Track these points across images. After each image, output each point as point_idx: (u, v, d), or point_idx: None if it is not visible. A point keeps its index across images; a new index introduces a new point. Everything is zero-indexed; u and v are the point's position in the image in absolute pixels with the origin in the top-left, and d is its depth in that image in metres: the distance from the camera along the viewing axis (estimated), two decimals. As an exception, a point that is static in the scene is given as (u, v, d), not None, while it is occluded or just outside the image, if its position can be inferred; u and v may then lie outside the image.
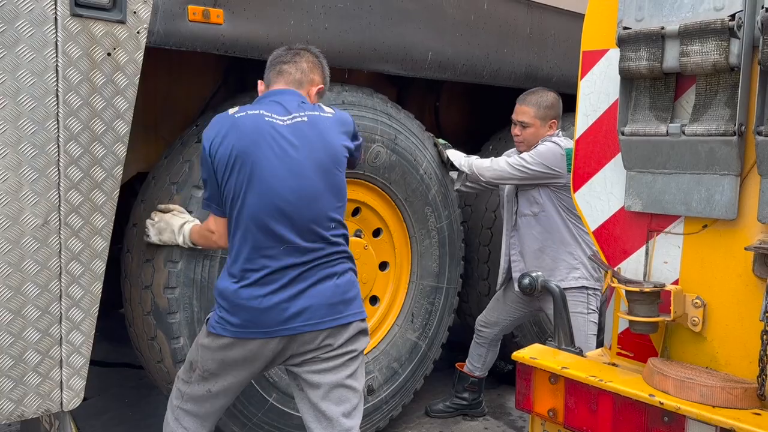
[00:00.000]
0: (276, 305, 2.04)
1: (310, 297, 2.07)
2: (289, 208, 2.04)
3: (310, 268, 2.08)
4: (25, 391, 2.04)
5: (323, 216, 2.10)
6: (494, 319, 3.51)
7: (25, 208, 1.96)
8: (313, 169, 2.08)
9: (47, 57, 1.94)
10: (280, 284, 2.05)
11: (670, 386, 1.76)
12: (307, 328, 2.07)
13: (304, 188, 2.06)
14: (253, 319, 2.05)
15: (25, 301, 2.00)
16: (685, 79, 1.89)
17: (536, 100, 3.18)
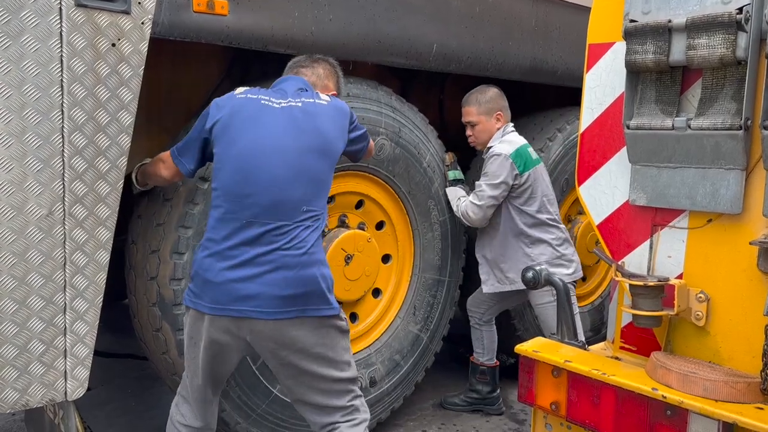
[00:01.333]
0: (228, 282, 2.06)
1: (263, 284, 2.06)
2: (261, 186, 2.08)
3: (269, 251, 2.07)
4: (30, 380, 2.05)
5: (295, 201, 2.11)
6: (478, 300, 3.61)
7: (29, 199, 1.96)
8: (294, 154, 2.12)
9: (52, 47, 1.94)
10: (236, 261, 2.06)
11: (673, 380, 1.76)
12: (255, 314, 2.06)
13: (280, 169, 2.09)
14: (205, 290, 2.09)
15: (30, 291, 2.00)
16: (692, 72, 1.88)
17: (476, 98, 3.34)
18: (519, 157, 3.20)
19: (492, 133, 3.33)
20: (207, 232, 2.16)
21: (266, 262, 2.06)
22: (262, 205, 2.08)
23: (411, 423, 3.59)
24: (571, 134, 3.90)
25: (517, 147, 3.23)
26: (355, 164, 3.02)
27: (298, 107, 2.18)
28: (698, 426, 1.69)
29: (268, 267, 2.06)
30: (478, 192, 3.24)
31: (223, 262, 2.07)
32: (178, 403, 2.31)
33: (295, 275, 2.08)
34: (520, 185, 3.21)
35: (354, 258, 3.05)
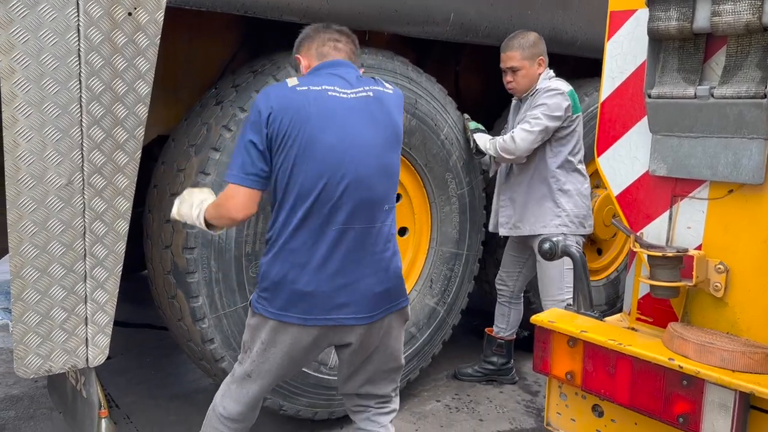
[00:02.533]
0: (323, 292, 1.95)
1: (358, 290, 1.98)
2: (351, 188, 1.93)
3: (362, 256, 1.98)
4: (52, 347, 2.09)
5: (381, 199, 2.01)
6: (506, 275, 3.62)
7: (49, 168, 1.98)
8: (377, 149, 1.98)
9: (69, 16, 1.93)
10: (329, 270, 1.94)
11: (690, 350, 1.76)
12: (351, 321, 1.98)
13: (366, 168, 1.95)
14: (293, 301, 1.96)
15: (51, 259, 2.03)
16: (716, 40, 1.84)
17: (518, 42, 3.21)
18: (573, 98, 3.17)
19: (534, 79, 3.24)
20: (280, 238, 1.96)
21: (361, 267, 1.97)
22: (352, 207, 1.94)
23: (425, 393, 3.62)
24: (589, 106, 3.85)
25: (571, 88, 3.19)
26: (371, 136, 3.01)
27: (371, 98, 2.00)
28: (714, 396, 1.68)
29: (364, 272, 1.98)
30: (531, 120, 3.14)
31: (313, 272, 1.93)
32: (224, 394, 2.16)
33: (386, 276, 2.03)
34: (567, 126, 3.17)
35: (370, 230, 3.05)
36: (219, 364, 2.70)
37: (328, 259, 1.94)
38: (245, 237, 2.67)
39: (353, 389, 2.23)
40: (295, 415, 2.96)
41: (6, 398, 3.45)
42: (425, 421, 3.31)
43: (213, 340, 2.65)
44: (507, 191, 3.40)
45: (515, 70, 3.23)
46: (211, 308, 2.63)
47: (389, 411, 2.27)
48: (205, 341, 2.65)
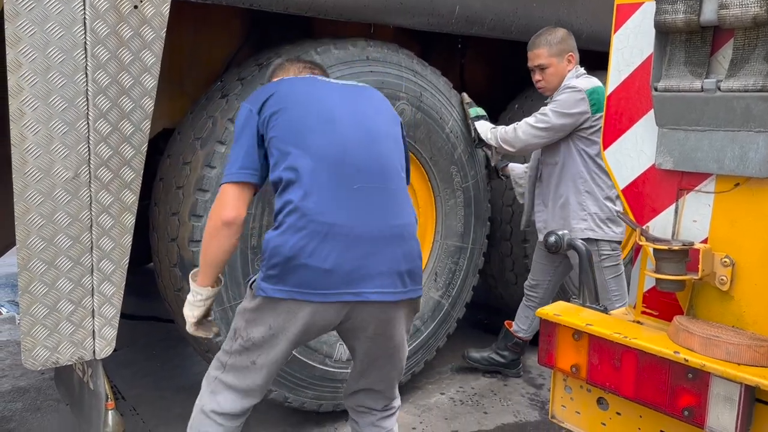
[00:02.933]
0: (345, 262, 1.82)
1: (382, 260, 1.86)
2: (355, 145, 1.89)
3: (385, 219, 1.88)
4: (60, 339, 2.10)
5: (389, 158, 1.96)
6: (535, 281, 3.52)
7: (55, 161, 1.99)
8: (373, 115, 2.00)
9: (75, 9, 1.94)
10: (352, 236, 1.82)
11: (696, 343, 1.76)
12: (374, 297, 1.84)
13: (367, 126, 1.95)
14: (311, 277, 1.82)
15: (58, 252, 2.04)
16: (723, 33, 1.83)
17: (546, 39, 3.12)
18: (594, 96, 3.01)
19: (563, 77, 3.14)
20: (288, 208, 1.82)
21: (384, 237, 1.86)
22: (361, 166, 1.88)
23: (430, 386, 3.63)
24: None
25: (595, 86, 3.04)
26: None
27: (358, 85, 2.09)
28: (720, 389, 1.68)
29: (388, 243, 1.87)
30: (539, 114, 3.08)
31: (334, 241, 1.80)
32: (214, 390, 2.02)
33: (410, 253, 1.92)
34: (591, 126, 3.04)
35: (374, 223, 3.06)
36: (225, 356, 2.71)
37: (348, 225, 1.81)
38: (251, 230, 2.68)
39: (363, 386, 2.14)
40: (300, 407, 2.98)
41: (13, 390, 3.48)
42: (429, 413, 3.33)
43: (219, 333, 2.66)
44: (540, 194, 3.31)
45: (543, 68, 3.14)
46: (217, 301, 2.63)
47: (394, 413, 2.22)
48: (211, 334, 2.66)
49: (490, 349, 3.80)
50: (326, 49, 2.85)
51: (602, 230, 3.12)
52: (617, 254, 3.17)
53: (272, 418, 3.21)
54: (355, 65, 2.91)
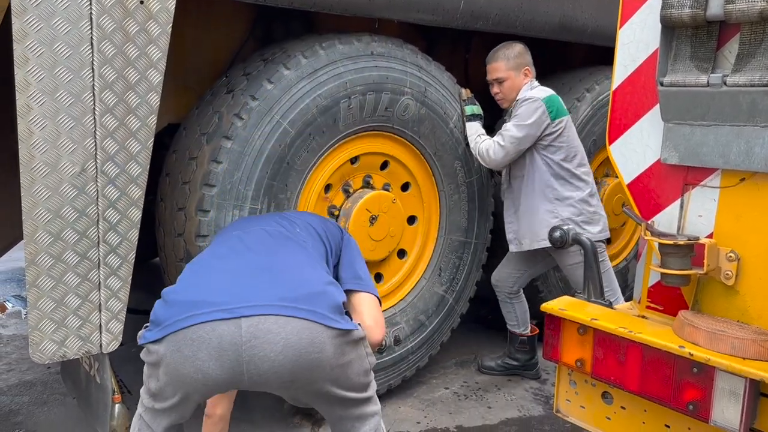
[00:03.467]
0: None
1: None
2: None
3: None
4: (67, 333, 2.11)
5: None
6: (504, 275, 3.59)
7: (62, 156, 1.99)
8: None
9: (81, 5, 1.94)
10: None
11: (701, 338, 1.76)
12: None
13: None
14: None
15: (65, 246, 2.05)
16: (729, 27, 1.83)
17: (503, 54, 3.27)
18: (551, 104, 3.12)
19: (519, 90, 3.27)
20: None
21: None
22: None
23: (434, 381, 3.64)
24: (599, 95, 3.83)
25: (550, 94, 3.16)
26: (379, 125, 3.01)
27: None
28: (725, 383, 1.69)
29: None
30: (503, 132, 3.16)
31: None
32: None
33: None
34: (551, 133, 3.13)
35: (378, 219, 3.06)
36: (230, 350, 2.72)
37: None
38: (256, 225, 2.69)
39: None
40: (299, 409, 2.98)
41: (20, 384, 3.50)
42: (434, 408, 3.34)
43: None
44: (511, 206, 3.39)
45: (501, 81, 3.28)
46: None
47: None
48: (217, 328, 2.67)
49: (503, 354, 3.77)
50: (331, 44, 2.85)
51: (579, 229, 3.11)
52: (601, 251, 3.19)
53: (277, 413, 3.22)
54: (359, 60, 2.91)
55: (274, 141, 2.69)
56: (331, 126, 2.85)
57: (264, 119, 2.67)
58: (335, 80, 2.83)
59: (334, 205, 3.06)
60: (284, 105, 2.71)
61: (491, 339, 4.30)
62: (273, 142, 2.69)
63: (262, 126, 2.66)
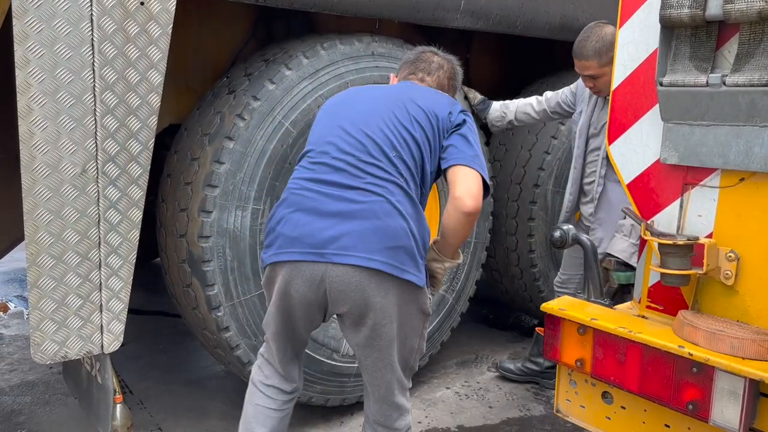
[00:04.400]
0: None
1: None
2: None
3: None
4: (68, 333, 2.12)
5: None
6: (566, 276, 3.36)
7: (63, 157, 2.00)
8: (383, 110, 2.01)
9: (82, 6, 1.95)
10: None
11: (700, 338, 1.77)
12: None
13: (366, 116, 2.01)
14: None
15: (66, 247, 2.06)
16: (728, 27, 1.83)
17: (594, 50, 2.82)
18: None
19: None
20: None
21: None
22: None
23: (435, 380, 3.65)
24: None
25: None
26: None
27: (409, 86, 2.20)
28: (724, 383, 1.69)
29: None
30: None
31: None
32: (260, 364, 2.18)
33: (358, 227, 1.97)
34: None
35: (380, 218, 3.07)
36: (234, 352, 2.73)
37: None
38: (260, 225, 2.69)
39: (367, 390, 2.08)
40: (308, 401, 3.00)
41: (22, 384, 3.51)
42: (435, 407, 3.34)
43: (228, 328, 2.68)
44: (603, 207, 3.06)
45: (595, 77, 2.89)
46: (227, 296, 2.65)
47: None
48: (221, 329, 2.68)
49: (523, 358, 3.68)
50: (332, 44, 2.86)
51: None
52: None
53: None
54: (360, 60, 2.91)
55: (276, 141, 2.70)
56: (332, 126, 2.85)
57: (266, 119, 2.67)
58: (336, 80, 2.83)
59: (335, 205, 3.06)
60: (286, 105, 2.72)
61: (492, 338, 4.30)
62: (275, 143, 2.69)
63: (265, 126, 2.67)
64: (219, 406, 3.29)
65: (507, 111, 3.40)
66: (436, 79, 2.26)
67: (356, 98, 2.12)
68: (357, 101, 2.09)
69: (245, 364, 2.76)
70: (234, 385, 3.51)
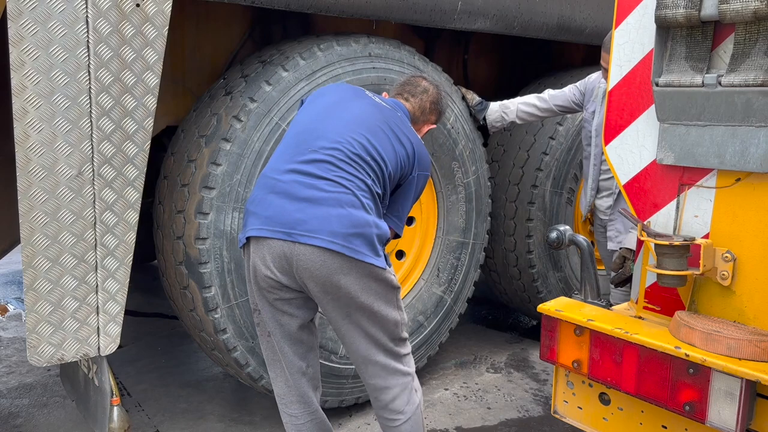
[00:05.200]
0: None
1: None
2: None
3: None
4: (65, 336, 2.12)
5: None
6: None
7: (59, 159, 2.00)
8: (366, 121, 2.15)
9: (77, 8, 1.95)
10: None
11: (697, 339, 1.76)
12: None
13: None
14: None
15: (62, 249, 2.06)
16: (724, 27, 1.83)
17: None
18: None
19: None
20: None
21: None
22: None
23: (434, 382, 3.64)
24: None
25: None
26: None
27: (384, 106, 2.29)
28: (721, 384, 1.69)
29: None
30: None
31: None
32: (272, 380, 2.31)
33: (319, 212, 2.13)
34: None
35: (377, 219, 3.06)
36: (231, 353, 2.72)
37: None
38: (254, 227, 2.69)
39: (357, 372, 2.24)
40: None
41: (20, 386, 3.51)
42: (434, 409, 3.34)
43: (226, 330, 2.68)
44: (617, 204, 3.19)
45: None
46: (224, 298, 2.65)
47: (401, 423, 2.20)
48: (218, 331, 2.68)
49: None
50: (329, 45, 2.86)
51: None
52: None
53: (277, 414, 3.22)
54: (357, 62, 2.91)
55: (273, 142, 2.69)
56: (329, 127, 2.85)
57: (263, 121, 2.67)
58: (333, 82, 2.83)
59: (333, 206, 3.06)
60: (283, 107, 2.71)
61: (491, 339, 4.30)
62: (272, 144, 2.69)
63: (261, 128, 2.67)
64: (217, 408, 3.28)
65: (507, 111, 3.44)
66: (419, 102, 2.45)
67: (352, 102, 2.22)
68: (353, 105, 2.20)
69: (242, 365, 2.76)
70: (232, 387, 3.50)
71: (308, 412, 2.26)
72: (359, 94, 2.27)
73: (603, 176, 3.25)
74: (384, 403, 2.18)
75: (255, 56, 2.96)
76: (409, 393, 2.20)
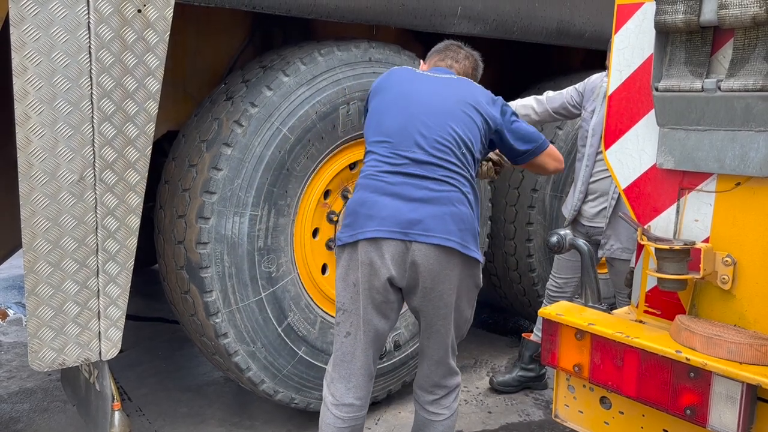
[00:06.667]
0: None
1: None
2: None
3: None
4: (66, 340, 2.12)
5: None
6: (563, 281, 3.36)
7: (61, 164, 2.00)
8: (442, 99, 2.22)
9: (79, 14, 1.95)
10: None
11: (698, 343, 1.77)
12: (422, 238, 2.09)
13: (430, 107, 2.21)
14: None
15: (63, 254, 2.06)
16: (723, 33, 1.84)
17: None
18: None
19: None
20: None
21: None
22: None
23: (434, 386, 3.64)
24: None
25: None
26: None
27: (450, 78, 2.37)
28: (722, 388, 1.69)
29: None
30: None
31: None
32: (328, 383, 2.27)
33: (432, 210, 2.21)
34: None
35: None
36: (232, 358, 2.73)
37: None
38: (257, 231, 2.70)
39: (421, 355, 2.32)
40: (306, 408, 2.99)
41: (20, 391, 3.51)
42: (434, 413, 3.33)
43: (227, 335, 2.68)
44: (620, 207, 3.06)
45: None
46: (225, 303, 2.65)
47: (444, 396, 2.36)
48: (219, 336, 2.68)
49: (515, 368, 3.62)
50: (330, 50, 2.87)
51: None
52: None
53: (278, 418, 3.23)
54: (358, 67, 2.92)
55: (274, 147, 2.70)
56: (330, 132, 2.87)
57: (264, 126, 2.68)
58: (334, 86, 2.84)
59: (333, 210, 3.07)
60: (284, 111, 2.72)
61: (491, 343, 4.30)
62: (273, 149, 2.70)
63: (262, 133, 2.68)
64: (217, 412, 3.28)
65: None
66: (463, 67, 2.51)
67: (419, 91, 2.25)
68: (422, 94, 2.24)
69: (243, 370, 2.76)
70: (233, 391, 3.50)
71: (356, 417, 2.25)
72: (422, 81, 2.31)
73: (593, 178, 3.16)
74: (436, 398, 2.33)
75: (256, 61, 2.97)
76: (457, 392, 2.40)
